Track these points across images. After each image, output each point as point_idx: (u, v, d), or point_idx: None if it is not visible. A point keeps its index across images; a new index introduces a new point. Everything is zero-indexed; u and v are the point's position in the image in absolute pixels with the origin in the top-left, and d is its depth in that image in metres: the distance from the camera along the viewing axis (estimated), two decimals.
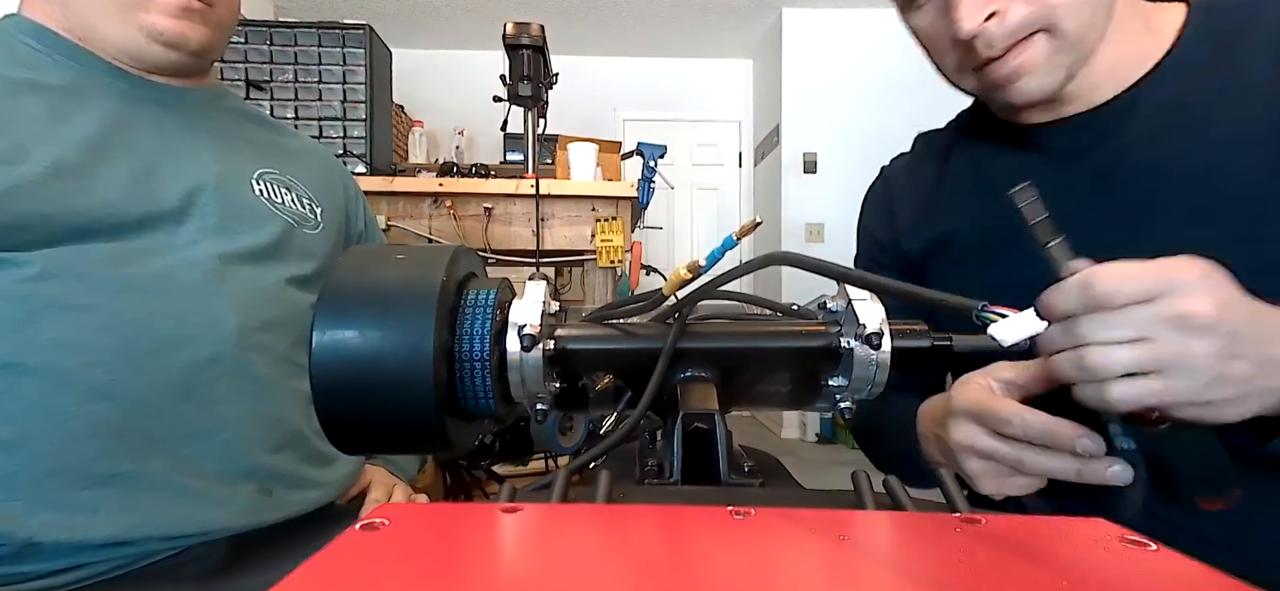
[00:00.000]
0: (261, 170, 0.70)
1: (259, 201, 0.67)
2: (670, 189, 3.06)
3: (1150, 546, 0.18)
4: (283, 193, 0.71)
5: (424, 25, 4.16)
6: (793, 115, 3.98)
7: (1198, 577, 0.16)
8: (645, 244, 2.02)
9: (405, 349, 0.23)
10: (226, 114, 0.72)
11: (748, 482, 0.26)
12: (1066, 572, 0.18)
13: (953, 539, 0.20)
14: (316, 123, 1.58)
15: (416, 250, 0.27)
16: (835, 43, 3.94)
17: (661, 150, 1.99)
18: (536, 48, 1.60)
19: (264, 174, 0.70)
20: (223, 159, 0.67)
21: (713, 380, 0.28)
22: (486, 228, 1.58)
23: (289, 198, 0.71)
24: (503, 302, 0.27)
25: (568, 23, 4.03)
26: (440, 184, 1.58)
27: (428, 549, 0.18)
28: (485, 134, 4.04)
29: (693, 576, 0.17)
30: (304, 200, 0.73)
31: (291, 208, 0.71)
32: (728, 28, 4.24)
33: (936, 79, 0.61)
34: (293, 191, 0.72)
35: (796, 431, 3.90)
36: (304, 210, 0.72)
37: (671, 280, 0.28)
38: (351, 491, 0.74)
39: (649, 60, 4.67)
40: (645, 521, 0.22)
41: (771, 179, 4.18)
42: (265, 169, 0.70)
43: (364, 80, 1.58)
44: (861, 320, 0.25)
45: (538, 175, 1.59)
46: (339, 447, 0.25)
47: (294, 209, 0.71)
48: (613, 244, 1.58)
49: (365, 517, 0.19)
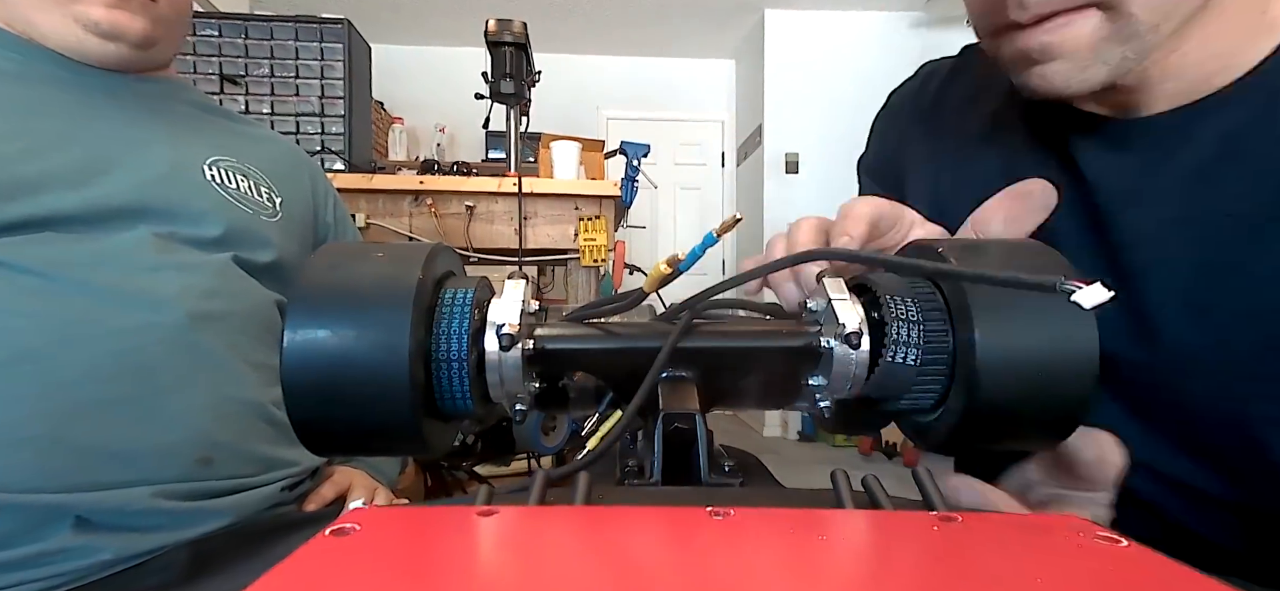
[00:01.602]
0: (214, 157, 0.68)
1: (210, 186, 0.66)
2: (653, 188, 3.06)
3: (1122, 542, 0.18)
4: (237, 178, 0.69)
5: (406, 21, 4.12)
6: (775, 116, 4.01)
7: (1169, 573, 0.16)
8: (629, 243, 2.03)
9: (380, 349, 0.23)
10: (181, 106, 0.71)
11: (728, 482, 0.26)
12: (1042, 568, 0.18)
13: (930, 537, 0.21)
14: (293, 118, 1.56)
15: (392, 248, 0.26)
16: (817, 44, 3.97)
17: (645, 149, 1.99)
18: (519, 45, 1.60)
19: (217, 160, 0.68)
20: (174, 147, 0.66)
21: (693, 380, 0.28)
22: (468, 226, 1.57)
23: (245, 184, 0.69)
24: (481, 302, 0.27)
25: (552, 21, 4.01)
26: (421, 182, 1.56)
27: (401, 553, 0.18)
28: (468, 132, 4.01)
29: (670, 578, 0.17)
30: (261, 188, 0.71)
31: (246, 194, 0.69)
32: (711, 28, 4.25)
33: None
34: (249, 178, 0.70)
35: (778, 429, 3.94)
36: (260, 198, 0.70)
37: (651, 276, 0.28)
38: (327, 494, 0.73)
39: (633, 59, 4.68)
40: (624, 523, 0.22)
41: (754, 179, 4.20)
42: (219, 156, 0.69)
43: (342, 76, 1.56)
44: (841, 320, 0.26)
45: (520, 173, 1.59)
46: (312, 450, 0.25)
47: (249, 196, 0.69)
48: (596, 243, 1.58)
49: (336, 522, 0.19)
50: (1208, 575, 0.16)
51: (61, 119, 0.60)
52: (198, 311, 0.59)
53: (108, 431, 0.54)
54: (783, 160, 3.99)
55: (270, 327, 0.67)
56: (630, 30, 4.28)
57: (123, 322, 0.55)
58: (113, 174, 0.60)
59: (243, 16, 1.57)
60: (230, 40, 1.54)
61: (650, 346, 0.26)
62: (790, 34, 3.99)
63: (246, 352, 0.63)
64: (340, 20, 1.57)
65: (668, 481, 0.26)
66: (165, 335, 0.57)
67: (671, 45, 4.50)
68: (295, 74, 1.56)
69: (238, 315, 0.63)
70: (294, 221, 0.74)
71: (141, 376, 0.55)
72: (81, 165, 0.59)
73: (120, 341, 0.55)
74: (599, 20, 4.14)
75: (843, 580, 0.19)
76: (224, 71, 1.53)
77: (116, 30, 0.61)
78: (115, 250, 0.58)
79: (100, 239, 0.58)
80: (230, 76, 1.53)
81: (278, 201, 0.73)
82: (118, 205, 0.59)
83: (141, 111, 0.66)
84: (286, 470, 0.65)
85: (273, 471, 0.64)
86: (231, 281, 0.64)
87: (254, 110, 1.55)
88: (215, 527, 0.58)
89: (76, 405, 0.52)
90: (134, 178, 0.61)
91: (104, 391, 0.54)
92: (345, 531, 0.19)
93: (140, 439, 0.55)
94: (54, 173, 0.57)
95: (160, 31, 0.65)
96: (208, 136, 0.70)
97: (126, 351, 0.55)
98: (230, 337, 0.62)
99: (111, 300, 0.56)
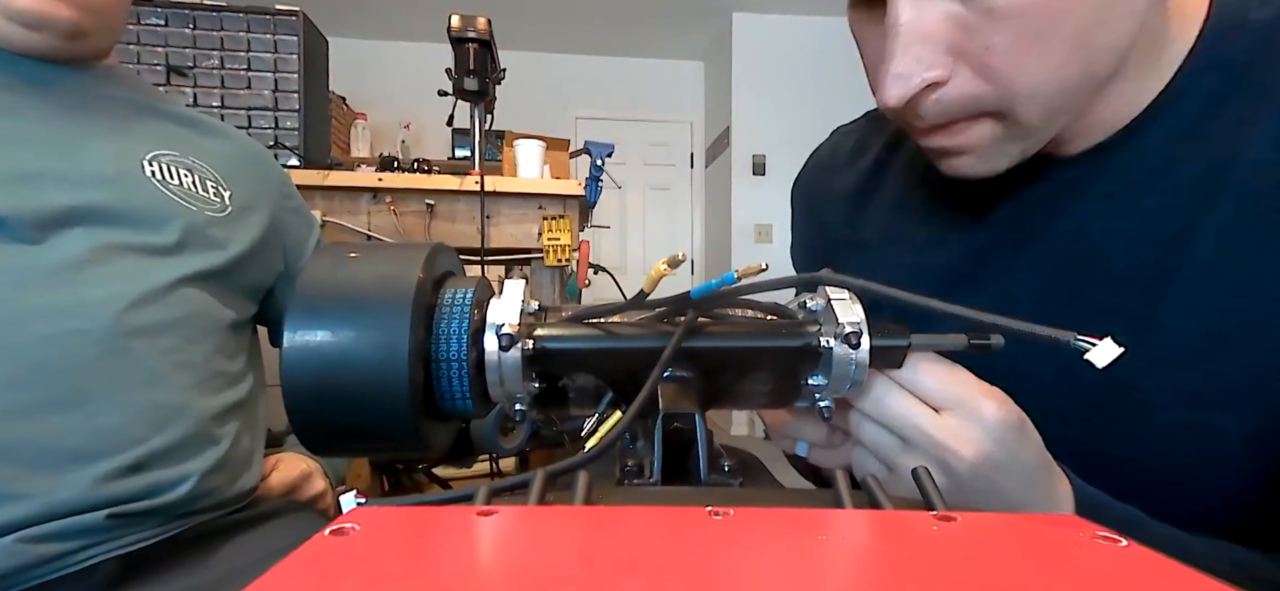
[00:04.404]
0: (156, 151, 0.65)
1: (149, 183, 0.62)
2: (618, 188, 3.06)
3: (1121, 542, 0.18)
4: (181, 174, 0.66)
5: (371, 15, 4.03)
6: (742, 117, 4.06)
7: (1169, 573, 0.17)
8: (594, 243, 2.02)
9: (380, 349, 0.22)
10: (119, 97, 0.67)
11: (727, 482, 0.26)
12: (1040, 567, 0.19)
13: (929, 536, 0.21)
14: (245, 112, 1.50)
15: (392, 248, 0.25)
16: (784, 47, 4.04)
17: (609, 148, 1.98)
18: (483, 42, 1.57)
19: (159, 155, 0.65)
20: (112, 142, 0.62)
21: (693, 379, 0.28)
22: (429, 225, 1.54)
23: (189, 179, 0.66)
24: (480, 302, 0.26)
25: (520, 19, 3.98)
26: (380, 179, 1.53)
27: (400, 552, 0.18)
28: (434, 129, 3.92)
29: (669, 578, 0.17)
30: (207, 183, 0.68)
31: (190, 190, 0.66)
32: (679, 29, 4.28)
33: None
34: (194, 173, 0.67)
35: (745, 427, 3.97)
36: (206, 193, 0.67)
37: (651, 276, 0.28)
38: (275, 486, 0.71)
39: (602, 59, 4.67)
40: (624, 523, 0.21)
41: (722, 180, 4.24)
42: (160, 150, 0.65)
43: (297, 69, 1.51)
44: (841, 319, 0.26)
45: (483, 172, 1.56)
46: (312, 449, 0.24)
47: (194, 192, 0.66)
48: (560, 242, 1.57)
49: (335, 522, 0.18)
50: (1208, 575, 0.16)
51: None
52: (130, 317, 0.56)
53: (32, 435, 0.51)
54: (750, 162, 4.04)
55: (210, 333, 0.64)
56: (599, 30, 4.27)
57: (49, 329, 0.53)
58: (44, 175, 0.57)
59: (191, 5, 1.50)
60: (177, 30, 1.47)
61: (650, 346, 0.26)
62: (758, 37, 4.05)
63: (182, 358, 0.60)
64: (294, 12, 1.52)
65: (667, 481, 0.26)
66: (94, 341, 0.54)
67: (641, 46, 4.52)
68: (247, 67, 1.51)
69: (175, 322, 0.60)
70: (247, 216, 0.71)
71: (66, 382, 0.53)
72: (10, 166, 0.55)
73: (46, 348, 0.52)
74: (569, 20, 4.13)
75: (842, 580, 0.19)
76: (170, 62, 1.46)
77: (42, 19, 0.58)
78: (44, 255, 0.54)
79: (30, 244, 0.54)
80: (177, 68, 1.47)
81: (226, 195, 0.69)
82: (51, 208, 0.56)
83: (75, 106, 0.62)
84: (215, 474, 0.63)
85: (207, 481, 0.61)
86: (171, 287, 0.61)
87: (203, 103, 1.48)
88: (146, 534, 0.56)
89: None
90: (67, 178, 0.58)
91: (24, 396, 0.51)
92: (345, 531, 0.18)
93: (65, 442, 0.52)
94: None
95: (91, 21, 0.61)
96: (147, 129, 0.67)
97: (51, 358, 0.52)
98: (166, 344, 0.59)
99: (38, 306, 0.53)
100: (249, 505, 0.67)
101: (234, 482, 0.64)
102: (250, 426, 0.68)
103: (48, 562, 0.51)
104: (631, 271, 4.49)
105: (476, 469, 1.70)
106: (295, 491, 0.76)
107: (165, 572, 0.57)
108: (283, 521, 0.68)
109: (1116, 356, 0.22)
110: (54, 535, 0.51)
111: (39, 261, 0.54)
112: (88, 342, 0.54)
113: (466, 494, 0.22)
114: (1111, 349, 0.22)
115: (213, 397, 0.62)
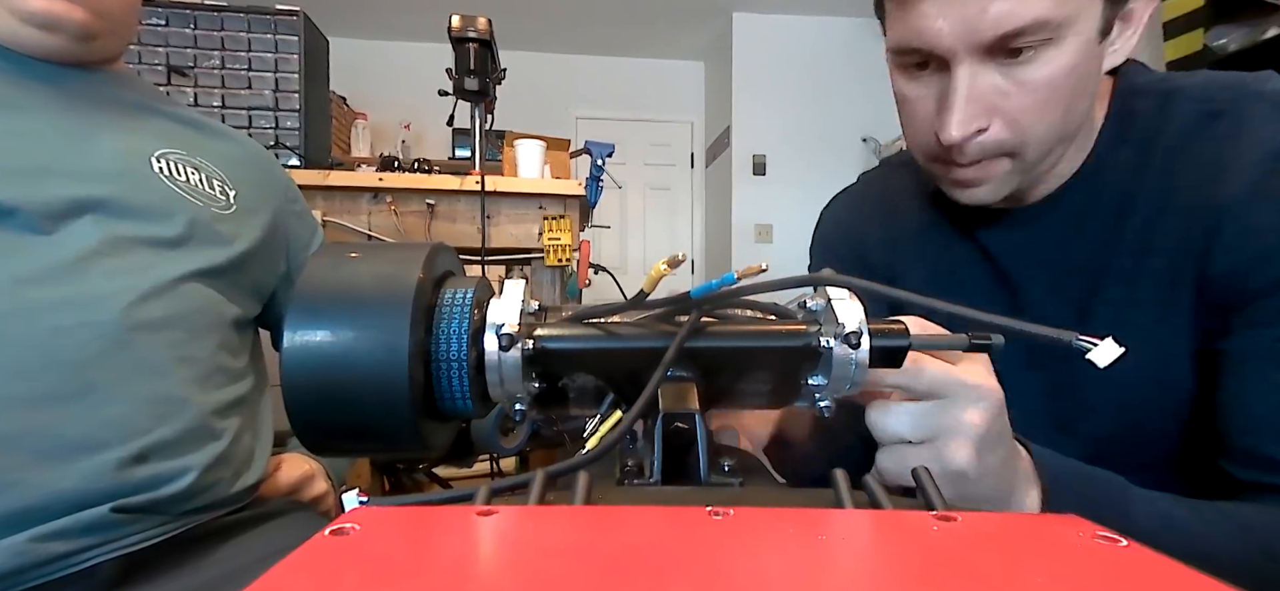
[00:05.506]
0: (163, 149, 0.66)
1: (158, 179, 0.63)
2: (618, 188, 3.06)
3: (1122, 542, 0.18)
4: (188, 171, 0.67)
5: (373, 15, 4.02)
6: (742, 117, 4.06)
7: (1169, 573, 0.17)
8: (595, 243, 2.02)
9: (380, 349, 0.22)
10: (127, 98, 0.68)
11: (728, 482, 0.26)
12: (1041, 567, 0.19)
13: (929, 536, 0.21)
14: (246, 112, 1.50)
15: (392, 248, 0.25)
16: (784, 47, 4.04)
17: (609, 148, 1.98)
18: (483, 42, 1.57)
19: (167, 153, 0.66)
20: (120, 139, 0.63)
21: (693, 379, 0.28)
22: (429, 225, 1.54)
23: (196, 177, 0.67)
24: (480, 302, 0.26)
25: (521, 19, 3.98)
26: (380, 179, 1.52)
27: (400, 552, 0.18)
28: (435, 129, 3.92)
29: (670, 578, 0.17)
30: (213, 181, 0.69)
31: (197, 187, 0.67)
32: (680, 30, 4.28)
33: (880, 85, 0.63)
34: (201, 171, 0.68)
35: None
36: (212, 191, 0.68)
37: (651, 276, 0.28)
38: (282, 484, 0.71)
39: (603, 59, 4.67)
40: (624, 523, 0.21)
41: (722, 180, 4.24)
42: (168, 148, 0.66)
43: (297, 69, 1.51)
44: (841, 319, 0.26)
45: (484, 171, 1.56)
46: (312, 449, 0.24)
47: (200, 188, 0.67)
48: (560, 242, 1.57)
49: (335, 522, 0.19)
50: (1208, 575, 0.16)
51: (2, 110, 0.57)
52: (136, 311, 0.57)
53: (37, 425, 0.51)
54: (751, 161, 4.04)
55: (214, 329, 0.65)
56: (600, 30, 4.27)
57: (58, 322, 0.53)
58: (54, 168, 0.58)
59: (192, 5, 1.50)
60: (177, 30, 1.47)
61: (650, 346, 0.26)
62: (758, 37, 4.04)
63: (185, 353, 0.61)
64: (295, 12, 1.52)
65: (667, 481, 0.26)
66: (102, 334, 0.55)
67: (641, 46, 4.51)
68: (248, 67, 1.51)
69: (180, 316, 0.61)
70: (251, 215, 0.72)
71: (72, 374, 0.53)
72: (21, 159, 0.56)
73: (54, 341, 0.53)
74: (569, 20, 4.12)
75: (842, 580, 0.19)
76: (171, 62, 1.46)
77: (54, 21, 0.59)
78: (54, 247, 0.55)
79: (41, 234, 0.55)
80: (178, 68, 1.47)
81: (232, 194, 0.70)
82: (61, 200, 0.57)
83: (85, 103, 0.63)
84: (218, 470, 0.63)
85: (208, 475, 0.61)
86: (177, 282, 0.61)
87: (204, 103, 1.49)
88: (148, 533, 0.56)
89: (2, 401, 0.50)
90: (77, 172, 0.58)
91: (31, 387, 0.51)
92: (345, 531, 0.18)
93: (68, 433, 0.52)
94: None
95: (102, 24, 0.63)
96: (155, 128, 0.68)
97: (59, 350, 0.53)
98: (170, 338, 0.59)
99: (48, 300, 0.53)
100: (250, 505, 0.68)
101: (236, 479, 0.64)
102: (251, 424, 0.69)
103: (51, 562, 0.51)
104: (632, 271, 4.49)
105: (476, 469, 1.70)
106: (297, 492, 0.76)
107: (166, 573, 0.57)
108: (284, 521, 0.68)
109: (1117, 356, 0.23)
110: (58, 534, 0.51)
111: (49, 254, 0.55)
112: (95, 335, 0.54)
113: (466, 494, 0.22)
114: (1112, 349, 0.23)
115: (214, 393, 0.63)
